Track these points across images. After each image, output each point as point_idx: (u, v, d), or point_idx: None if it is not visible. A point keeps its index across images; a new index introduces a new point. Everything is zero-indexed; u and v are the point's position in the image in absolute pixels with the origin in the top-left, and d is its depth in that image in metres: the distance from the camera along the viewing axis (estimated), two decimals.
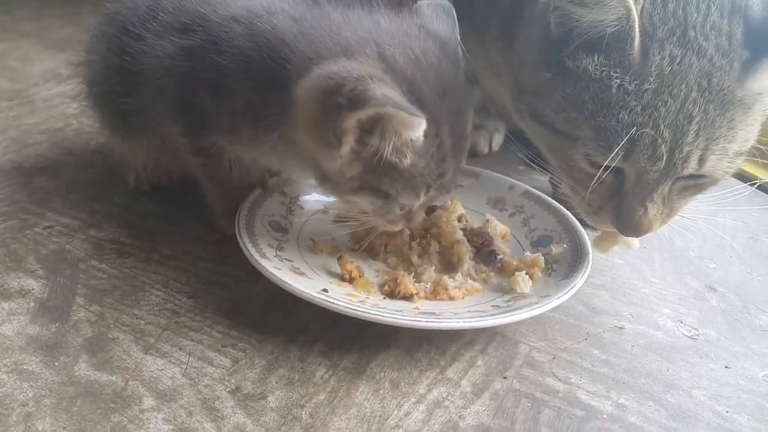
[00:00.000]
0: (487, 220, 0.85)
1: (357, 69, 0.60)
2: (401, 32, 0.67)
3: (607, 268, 0.87)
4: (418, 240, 0.82)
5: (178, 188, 0.94)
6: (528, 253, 0.80)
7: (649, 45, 0.65)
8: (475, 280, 0.77)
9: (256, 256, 0.72)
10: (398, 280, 0.73)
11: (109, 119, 0.90)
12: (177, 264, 0.81)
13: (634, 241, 0.79)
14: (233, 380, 0.65)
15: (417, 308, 0.71)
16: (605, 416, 0.64)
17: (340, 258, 0.77)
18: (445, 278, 0.75)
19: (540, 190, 0.92)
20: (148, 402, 0.61)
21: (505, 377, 0.68)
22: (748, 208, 1.07)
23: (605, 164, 0.67)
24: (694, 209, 1.04)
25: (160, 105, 0.78)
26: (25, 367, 0.64)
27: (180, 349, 0.68)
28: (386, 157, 0.62)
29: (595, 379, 0.69)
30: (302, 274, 0.73)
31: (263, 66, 0.68)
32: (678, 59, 0.65)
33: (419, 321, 0.66)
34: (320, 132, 0.63)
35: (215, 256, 0.83)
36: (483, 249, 0.81)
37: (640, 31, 0.65)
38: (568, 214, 0.85)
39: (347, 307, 0.65)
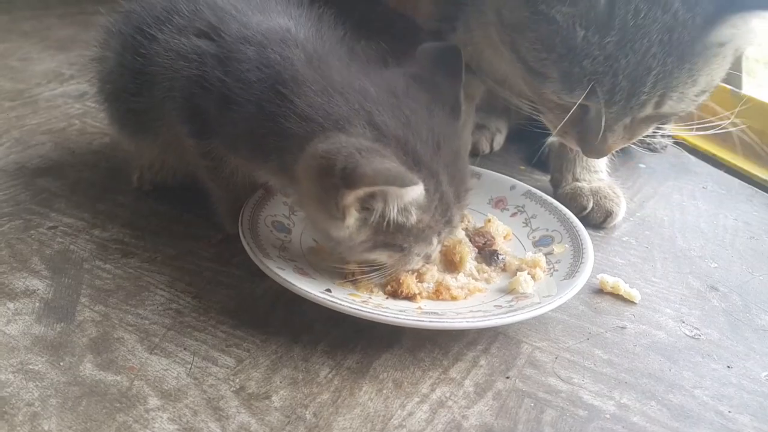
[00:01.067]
0: (489, 220, 0.85)
1: (346, 145, 0.61)
2: (390, 92, 0.67)
3: (609, 268, 0.87)
4: None
5: (182, 188, 0.94)
6: (530, 253, 0.81)
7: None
8: (477, 280, 0.77)
9: (260, 256, 0.72)
10: (401, 281, 0.74)
11: (118, 116, 0.91)
12: (181, 264, 0.81)
13: (636, 296, 0.81)
14: (237, 380, 0.65)
15: (420, 308, 0.72)
16: (608, 416, 0.65)
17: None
18: (448, 278, 0.76)
19: (541, 191, 0.92)
20: (153, 402, 0.62)
21: (507, 377, 0.68)
22: (749, 207, 1.07)
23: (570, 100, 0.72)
24: (695, 208, 1.05)
25: (169, 106, 0.78)
26: (30, 366, 0.64)
27: (185, 348, 0.68)
28: (393, 219, 0.64)
29: (597, 379, 0.69)
30: (306, 274, 0.74)
31: (266, 110, 0.68)
32: (642, 13, 0.66)
33: (422, 321, 0.66)
34: (323, 207, 0.65)
35: (219, 256, 0.83)
36: (485, 249, 0.81)
37: None
38: (570, 214, 0.86)
39: (351, 307, 0.66)
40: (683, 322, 0.79)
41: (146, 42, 0.79)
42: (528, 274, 0.76)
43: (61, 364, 0.65)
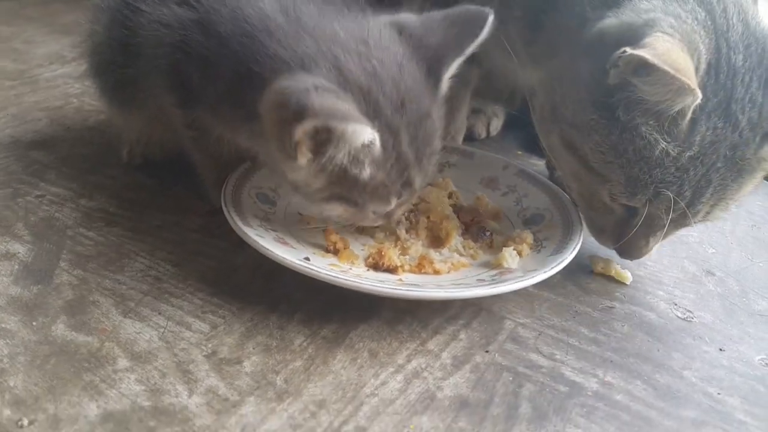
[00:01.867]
0: (478, 198, 0.84)
1: (304, 82, 0.60)
2: (361, 40, 0.66)
3: (602, 250, 0.85)
4: (406, 214, 0.80)
5: (172, 163, 0.94)
6: (517, 230, 0.79)
7: (699, 116, 0.65)
8: (462, 255, 0.75)
9: (240, 223, 0.71)
10: (382, 252, 0.72)
11: (107, 90, 0.90)
12: (165, 234, 0.80)
13: (628, 277, 0.80)
14: (210, 345, 0.64)
15: (400, 280, 0.70)
16: (590, 393, 0.63)
17: (325, 229, 0.76)
18: (431, 252, 0.74)
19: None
20: (123, 363, 0.61)
21: (487, 351, 0.66)
22: (753, 197, 1.03)
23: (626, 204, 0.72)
24: None
25: (155, 76, 0.78)
26: (2, 325, 0.64)
27: (159, 313, 0.67)
28: (346, 168, 0.62)
29: (581, 357, 0.67)
30: (286, 243, 0.73)
31: (241, 58, 0.67)
32: (719, 130, 0.65)
33: (398, 290, 0.65)
34: (279, 145, 0.63)
35: (204, 228, 0.82)
36: (472, 225, 0.80)
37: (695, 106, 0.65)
38: (561, 192, 0.84)
39: (328, 275, 0.64)
40: (675, 305, 0.76)
41: (131, 14, 0.78)
42: (514, 250, 0.74)
43: (34, 324, 0.64)
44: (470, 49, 0.68)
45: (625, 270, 0.79)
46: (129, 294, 0.70)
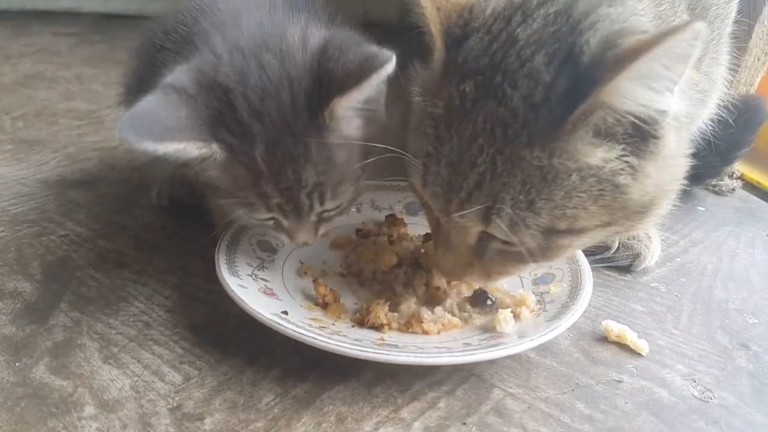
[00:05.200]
0: None
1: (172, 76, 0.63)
2: (259, 41, 0.65)
3: (624, 315, 0.78)
4: (405, 268, 0.77)
5: (198, 205, 0.95)
6: (521, 290, 0.74)
7: (450, 71, 0.58)
8: (455, 316, 0.71)
9: (224, 271, 0.71)
10: (369, 309, 0.69)
11: None
12: (167, 278, 0.81)
13: (645, 347, 0.72)
14: (177, 398, 0.63)
15: (382, 339, 0.67)
16: None
17: (315, 281, 0.74)
18: (423, 310, 0.70)
19: None
20: (89, 410, 0.61)
21: (464, 423, 0.61)
22: None
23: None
24: (749, 257, 0.93)
25: None
26: None
27: (138, 361, 0.67)
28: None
29: None
30: (273, 294, 0.71)
31: None
32: (469, 98, 0.56)
33: (366, 351, 0.61)
34: None
35: (206, 273, 0.81)
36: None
37: (446, 50, 0.58)
38: (579, 252, 0.77)
39: (295, 332, 0.62)
40: (694, 381, 0.68)
41: (156, 53, 0.81)
42: (511, 312, 0.69)
43: (17, 364, 0.66)
44: (359, 91, 0.62)
45: (642, 339, 0.72)
46: (115, 339, 0.70)
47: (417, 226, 0.87)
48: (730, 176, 1.16)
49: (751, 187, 1.17)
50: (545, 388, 0.66)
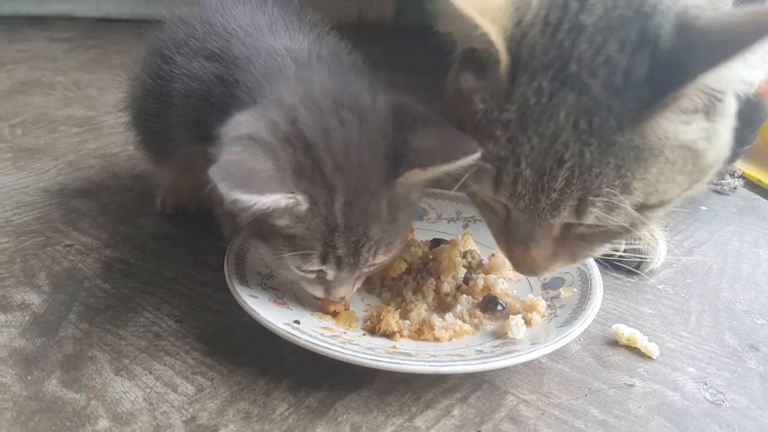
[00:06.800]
0: (493, 255, 0.79)
1: (237, 129, 0.61)
2: (332, 98, 0.64)
3: (633, 318, 0.78)
4: (414, 275, 0.77)
5: (202, 214, 0.95)
6: (531, 296, 0.74)
7: (519, 73, 0.57)
8: (465, 322, 0.71)
9: (234, 280, 0.70)
10: (381, 316, 0.69)
11: (143, 139, 0.93)
12: (175, 287, 0.81)
13: (655, 350, 0.72)
14: (191, 409, 0.63)
15: (394, 347, 0.67)
16: None
17: None
18: (434, 317, 0.70)
19: None
20: (103, 423, 0.61)
21: (479, 431, 0.62)
22: None
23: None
24: (755, 257, 0.93)
25: (183, 126, 0.80)
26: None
27: (150, 372, 0.67)
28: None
29: None
30: (283, 304, 0.71)
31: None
32: (546, 93, 0.55)
33: (379, 360, 0.61)
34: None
35: (215, 282, 0.82)
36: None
37: (509, 54, 0.57)
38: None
39: (309, 342, 0.62)
40: (705, 384, 0.68)
41: (164, 64, 0.81)
42: (522, 318, 0.69)
43: (29, 378, 0.66)
44: (440, 168, 0.62)
45: (652, 342, 0.72)
46: (126, 350, 0.70)
47: (423, 232, 0.87)
48: (732, 175, 1.17)
49: (752, 185, 1.17)
50: (558, 393, 0.67)
